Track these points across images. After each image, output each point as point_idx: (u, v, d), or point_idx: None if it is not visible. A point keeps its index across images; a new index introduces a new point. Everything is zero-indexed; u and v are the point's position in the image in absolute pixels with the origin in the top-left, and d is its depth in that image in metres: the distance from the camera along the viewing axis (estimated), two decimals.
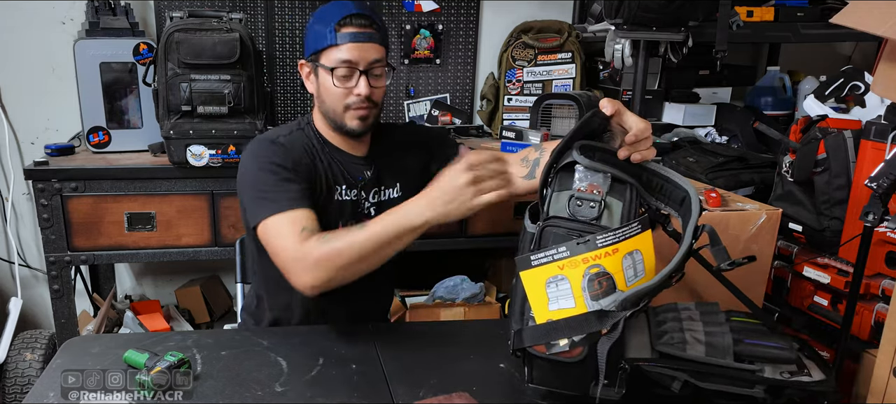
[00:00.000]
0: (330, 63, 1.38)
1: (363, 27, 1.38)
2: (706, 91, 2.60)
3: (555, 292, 1.00)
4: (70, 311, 2.08)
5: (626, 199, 1.05)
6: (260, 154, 1.38)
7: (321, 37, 1.38)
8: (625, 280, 0.99)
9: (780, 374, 1.12)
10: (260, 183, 1.34)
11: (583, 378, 1.04)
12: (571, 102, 2.04)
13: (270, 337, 1.32)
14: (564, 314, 1.00)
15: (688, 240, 1.02)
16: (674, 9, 1.89)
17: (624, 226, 0.99)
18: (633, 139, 1.11)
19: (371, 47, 1.39)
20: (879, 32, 1.19)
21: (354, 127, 1.42)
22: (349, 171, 1.46)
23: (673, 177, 1.14)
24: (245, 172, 1.38)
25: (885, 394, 1.28)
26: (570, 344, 1.00)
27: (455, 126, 2.61)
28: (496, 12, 2.64)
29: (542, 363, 1.06)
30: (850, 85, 2.03)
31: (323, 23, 1.38)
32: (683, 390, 1.11)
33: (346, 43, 1.37)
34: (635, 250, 1.00)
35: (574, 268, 0.98)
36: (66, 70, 2.28)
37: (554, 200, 1.06)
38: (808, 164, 1.76)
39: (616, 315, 0.98)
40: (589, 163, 1.06)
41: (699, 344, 1.12)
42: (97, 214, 1.99)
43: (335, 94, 1.39)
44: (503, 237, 2.30)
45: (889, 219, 1.42)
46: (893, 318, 1.28)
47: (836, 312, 1.70)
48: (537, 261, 1.00)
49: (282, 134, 1.43)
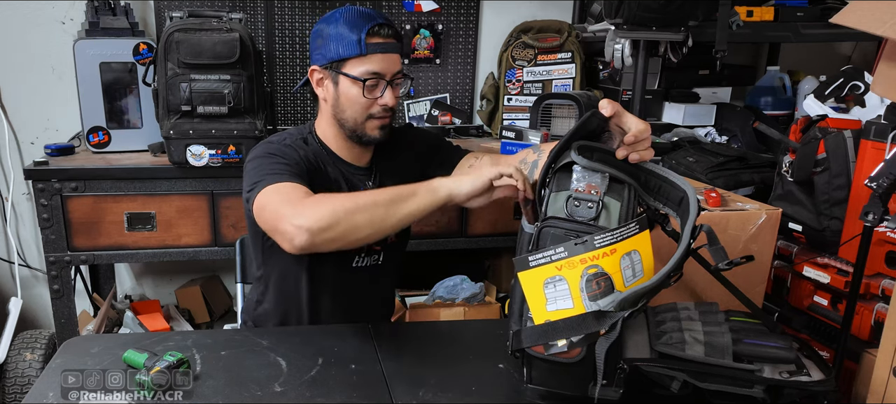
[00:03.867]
0: (358, 73, 1.35)
1: (389, 37, 1.37)
2: (706, 91, 2.60)
3: (553, 293, 1.00)
4: (70, 311, 2.08)
5: (624, 199, 1.05)
6: (268, 147, 1.36)
7: (348, 45, 1.34)
8: (623, 280, 0.99)
9: (780, 374, 1.12)
10: (264, 167, 1.31)
11: (582, 378, 1.04)
12: (571, 102, 2.05)
13: (270, 337, 1.32)
14: (563, 314, 1.00)
15: (686, 240, 1.02)
16: (674, 9, 1.89)
17: (622, 227, 0.99)
18: (632, 139, 1.11)
19: (395, 58, 1.38)
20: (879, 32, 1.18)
21: (375, 136, 1.41)
22: (353, 183, 1.45)
23: (671, 178, 1.14)
24: (251, 158, 1.36)
25: (885, 394, 1.27)
26: (568, 344, 1.00)
27: (455, 126, 2.61)
28: (496, 12, 2.64)
29: (540, 363, 1.06)
30: (850, 85, 2.02)
31: (348, 31, 1.34)
32: (682, 390, 1.11)
33: (375, 53, 1.35)
34: (633, 250, 1.00)
35: (572, 269, 0.98)
36: (66, 70, 2.28)
37: (552, 201, 1.06)
38: (808, 164, 1.76)
39: (614, 315, 0.98)
40: (587, 163, 1.05)
41: (698, 343, 1.12)
42: (97, 214, 1.99)
43: (360, 104, 1.37)
44: (503, 237, 2.30)
45: (889, 218, 1.42)
46: (893, 318, 1.28)
47: (836, 312, 1.70)
48: (535, 261, 1.00)
49: (286, 142, 1.40)
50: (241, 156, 1.97)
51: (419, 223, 2.20)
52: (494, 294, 2.46)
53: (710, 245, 1.07)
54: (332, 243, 1.16)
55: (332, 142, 1.45)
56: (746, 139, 2.39)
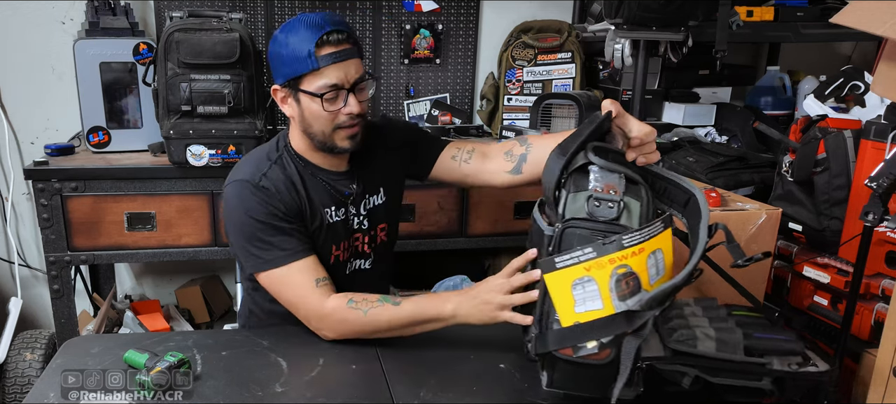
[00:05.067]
0: (315, 89, 1.29)
1: (340, 44, 1.29)
2: (706, 91, 2.60)
3: (581, 294, 0.98)
4: (70, 311, 2.08)
5: (643, 199, 1.03)
6: (246, 204, 1.32)
7: (299, 61, 1.28)
8: (649, 279, 0.98)
9: (789, 366, 1.15)
10: (254, 235, 1.31)
11: (607, 379, 1.03)
12: (571, 102, 2.05)
13: (270, 337, 1.32)
14: (592, 316, 0.98)
15: (703, 238, 1.02)
16: (674, 9, 1.89)
17: (649, 226, 0.98)
18: (638, 142, 1.12)
19: (352, 63, 1.31)
20: (879, 32, 1.18)
21: (346, 146, 1.36)
22: (335, 190, 1.42)
23: (676, 179, 1.14)
24: (233, 220, 1.34)
25: (885, 394, 1.28)
26: (599, 345, 0.99)
27: (455, 126, 2.61)
28: (496, 12, 2.64)
29: (565, 366, 1.04)
30: (849, 85, 2.03)
31: (298, 45, 1.27)
32: (693, 385, 1.13)
33: (328, 65, 1.28)
34: (658, 249, 0.99)
35: (601, 269, 0.97)
36: (66, 70, 2.28)
37: (570, 201, 1.04)
38: (808, 164, 1.76)
39: (644, 314, 0.97)
40: (604, 163, 1.05)
41: (709, 339, 1.14)
42: (97, 214, 1.99)
43: (324, 118, 1.32)
44: (503, 237, 2.30)
45: (889, 218, 1.42)
46: (893, 318, 1.28)
47: (836, 312, 1.70)
48: (562, 263, 0.98)
49: (261, 171, 1.35)
50: (241, 156, 1.96)
51: (419, 223, 2.22)
52: None
53: (729, 243, 1.08)
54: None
55: (308, 154, 1.41)
56: (746, 139, 2.39)
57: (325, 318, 1.29)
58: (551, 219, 1.09)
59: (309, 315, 1.31)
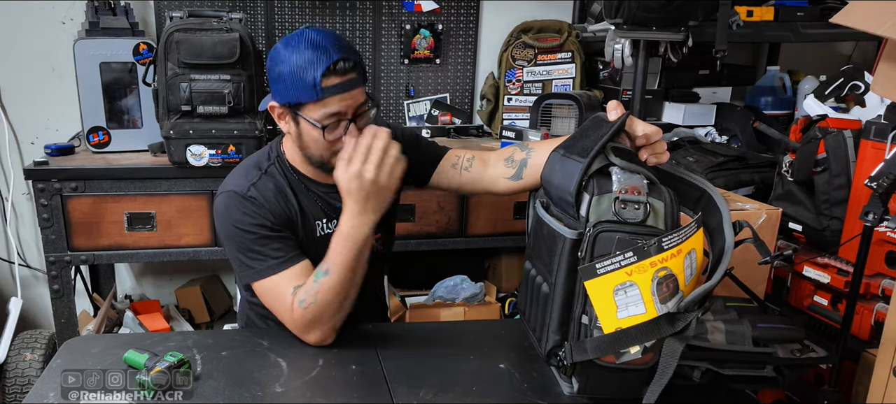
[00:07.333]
0: (317, 119, 1.26)
1: (346, 74, 1.25)
2: (706, 91, 2.60)
3: (624, 299, 0.97)
4: (70, 311, 2.08)
5: (665, 200, 1.02)
6: (234, 215, 1.31)
7: (303, 90, 1.24)
8: (684, 279, 0.97)
9: (792, 353, 1.20)
10: (244, 245, 1.30)
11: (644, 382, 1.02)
12: (571, 102, 2.05)
13: (270, 337, 1.32)
14: (635, 320, 0.97)
15: (730, 236, 1.02)
16: (674, 8, 1.89)
17: (685, 226, 0.97)
18: (644, 140, 1.12)
19: (357, 93, 1.28)
20: (879, 32, 1.19)
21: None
22: (327, 202, 1.41)
23: (687, 177, 1.14)
24: (223, 232, 1.34)
25: (885, 394, 1.28)
26: (642, 350, 0.98)
27: (455, 126, 2.61)
28: (496, 12, 2.64)
29: (603, 372, 1.02)
30: (850, 84, 2.03)
31: (303, 71, 1.23)
32: (703, 378, 1.16)
33: (332, 96, 1.24)
34: (692, 249, 0.98)
35: (642, 273, 0.95)
36: (66, 70, 2.28)
37: (595, 204, 1.01)
38: (808, 164, 1.77)
39: (687, 316, 0.96)
40: (627, 164, 1.03)
41: (719, 332, 1.18)
42: (97, 214, 1.99)
43: (323, 143, 1.29)
44: (503, 237, 2.30)
45: (889, 218, 1.42)
46: (893, 318, 1.29)
47: (836, 312, 1.70)
48: (603, 268, 0.96)
49: (251, 181, 1.34)
50: (241, 156, 1.96)
51: (419, 223, 2.22)
52: (494, 294, 2.45)
53: (755, 241, 1.11)
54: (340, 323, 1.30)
55: (301, 166, 1.40)
56: (746, 139, 2.39)
57: (298, 328, 1.28)
58: (566, 221, 1.08)
59: (291, 327, 1.30)
